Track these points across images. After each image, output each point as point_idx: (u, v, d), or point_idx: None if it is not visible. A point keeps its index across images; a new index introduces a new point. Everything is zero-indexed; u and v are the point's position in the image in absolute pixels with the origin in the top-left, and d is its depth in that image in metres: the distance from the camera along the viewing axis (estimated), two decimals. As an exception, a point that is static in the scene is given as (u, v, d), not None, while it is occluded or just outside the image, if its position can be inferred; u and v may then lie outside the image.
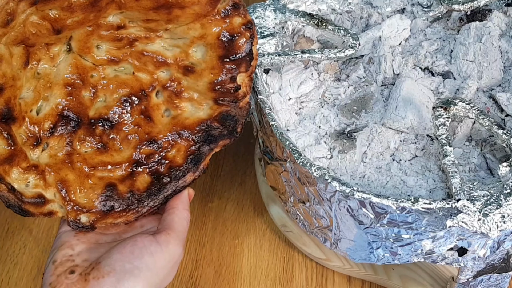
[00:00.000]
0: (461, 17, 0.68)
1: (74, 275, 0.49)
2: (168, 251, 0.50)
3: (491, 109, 0.62)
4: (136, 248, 0.49)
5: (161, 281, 0.50)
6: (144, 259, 0.49)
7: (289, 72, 0.65)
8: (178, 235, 0.52)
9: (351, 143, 0.60)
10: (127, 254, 0.49)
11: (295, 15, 0.64)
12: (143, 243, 0.50)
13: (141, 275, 0.48)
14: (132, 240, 0.50)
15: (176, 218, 0.53)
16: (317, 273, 0.70)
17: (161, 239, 0.50)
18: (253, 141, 0.81)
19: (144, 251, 0.49)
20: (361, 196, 0.50)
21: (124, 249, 0.49)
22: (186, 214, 0.54)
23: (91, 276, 0.48)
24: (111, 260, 0.49)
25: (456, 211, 0.49)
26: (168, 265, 0.51)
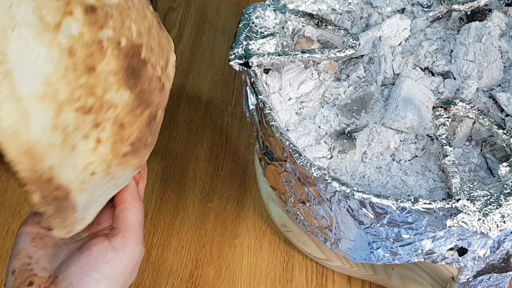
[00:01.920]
0: (461, 17, 0.68)
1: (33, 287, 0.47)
2: (125, 255, 0.49)
3: (491, 109, 0.62)
4: (92, 258, 0.48)
5: (122, 285, 0.49)
6: (100, 269, 0.48)
7: (289, 72, 0.65)
8: (135, 234, 0.50)
9: (351, 143, 0.60)
10: (83, 265, 0.48)
11: (295, 15, 0.64)
12: (98, 251, 0.48)
13: (99, 286, 0.47)
14: (86, 249, 0.49)
15: (129, 214, 0.51)
16: (317, 273, 0.70)
17: (116, 243, 0.49)
18: (253, 141, 0.82)
19: (99, 261, 0.48)
20: (361, 196, 0.50)
21: (78, 260, 0.48)
22: (138, 206, 0.52)
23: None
24: (67, 273, 0.47)
25: (456, 211, 0.49)
26: (128, 268, 0.49)
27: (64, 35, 0.40)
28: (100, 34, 0.42)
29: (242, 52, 0.61)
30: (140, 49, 0.44)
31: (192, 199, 0.77)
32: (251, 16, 0.64)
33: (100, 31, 0.42)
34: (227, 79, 0.91)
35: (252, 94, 0.60)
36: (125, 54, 0.43)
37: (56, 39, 0.40)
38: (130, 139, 0.46)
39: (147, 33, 0.45)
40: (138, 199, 0.53)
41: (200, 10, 1.01)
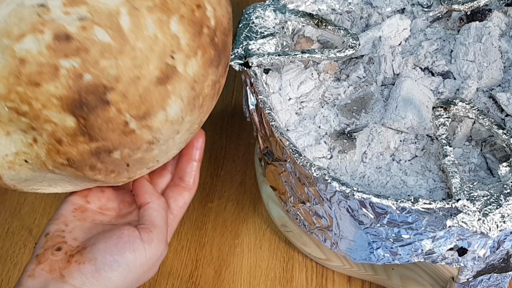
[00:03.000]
0: (461, 17, 0.68)
1: (60, 253, 0.50)
2: (150, 249, 0.52)
3: (491, 109, 0.62)
4: (121, 241, 0.51)
5: (139, 276, 0.52)
6: (125, 255, 0.50)
7: (289, 72, 0.65)
8: (161, 231, 0.53)
9: (351, 143, 0.60)
10: (111, 246, 0.50)
11: (295, 15, 0.64)
12: (128, 237, 0.51)
13: (119, 269, 0.50)
14: (119, 232, 0.52)
15: (154, 212, 0.54)
16: (317, 273, 0.70)
17: (144, 236, 0.52)
18: (253, 141, 0.81)
19: (127, 247, 0.51)
20: (361, 196, 0.50)
21: (109, 240, 0.51)
22: (162, 203, 0.55)
23: (74, 258, 0.50)
24: (95, 248, 0.50)
25: (456, 211, 0.49)
26: (149, 262, 0.52)
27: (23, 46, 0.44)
28: (61, 61, 0.45)
29: (242, 52, 0.61)
30: (108, 91, 0.46)
31: (192, 199, 0.77)
32: (251, 16, 0.64)
33: (63, 58, 0.45)
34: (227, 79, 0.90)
35: (252, 94, 0.60)
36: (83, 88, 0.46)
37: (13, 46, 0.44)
38: (66, 155, 0.48)
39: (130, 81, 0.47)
40: (159, 197, 0.56)
41: (200, 10, 1.01)
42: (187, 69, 0.50)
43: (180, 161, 0.60)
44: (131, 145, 0.49)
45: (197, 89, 0.51)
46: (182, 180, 0.59)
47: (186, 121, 0.52)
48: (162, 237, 0.53)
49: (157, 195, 0.56)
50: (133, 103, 0.47)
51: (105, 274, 0.49)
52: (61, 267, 0.50)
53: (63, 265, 0.50)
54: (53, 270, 0.50)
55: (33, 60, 0.44)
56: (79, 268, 0.49)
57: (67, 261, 0.50)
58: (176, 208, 0.58)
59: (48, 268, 0.50)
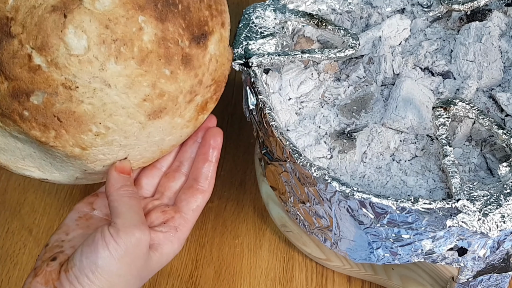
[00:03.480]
0: (461, 17, 0.68)
1: (54, 263, 0.49)
2: (120, 240, 0.48)
3: (491, 109, 0.62)
4: (93, 241, 0.48)
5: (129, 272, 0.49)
6: (99, 253, 0.48)
7: (289, 72, 0.65)
8: (125, 218, 0.49)
9: (351, 143, 0.60)
10: (86, 248, 0.48)
11: (295, 15, 0.64)
12: (101, 235, 0.48)
13: (98, 271, 0.47)
14: (93, 233, 0.49)
15: (114, 203, 0.51)
16: (317, 273, 0.70)
17: (111, 230, 0.49)
18: (253, 141, 0.81)
19: (99, 245, 0.48)
20: (361, 196, 0.50)
21: (86, 242, 0.49)
22: (121, 192, 0.52)
23: (63, 268, 0.48)
24: (76, 253, 0.49)
25: (456, 211, 0.49)
26: (128, 252, 0.48)
27: None
28: None
29: (242, 52, 0.61)
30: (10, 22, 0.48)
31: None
32: (251, 16, 0.64)
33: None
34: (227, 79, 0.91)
35: (252, 94, 0.60)
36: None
37: None
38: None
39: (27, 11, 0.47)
40: (120, 187, 0.52)
41: (200, 10, 1.01)
42: (95, 4, 0.48)
43: (196, 160, 0.57)
44: (46, 87, 0.48)
45: (116, 30, 0.49)
46: (196, 182, 0.56)
47: (113, 70, 0.49)
48: (129, 224, 0.49)
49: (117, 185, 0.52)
50: (30, 32, 0.47)
51: (87, 278, 0.47)
52: (54, 279, 0.48)
53: (55, 276, 0.48)
54: (47, 282, 0.48)
55: None
56: (67, 276, 0.48)
57: (58, 272, 0.49)
58: (188, 212, 0.55)
59: (44, 280, 0.48)
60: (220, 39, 0.56)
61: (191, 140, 0.59)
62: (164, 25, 0.51)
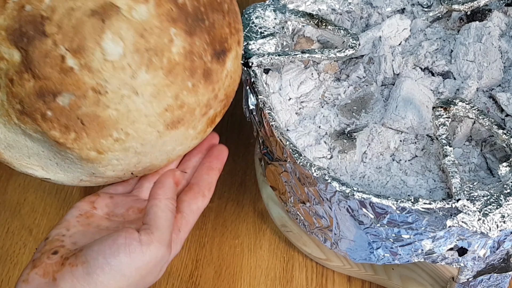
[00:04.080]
0: (461, 17, 0.68)
1: (56, 256, 0.49)
2: (148, 252, 0.48)
3: (491, 109, 0.62)
4: (116, 243, 0.48)
5: (136, 281, 0.49)
6: (119, 257, 0.47)
7: (289, 72, 0.65)
8: (162, 233, 0.50)
9: (351, 143, 0.60)
10: (105, 248, 0.48)
11: (295, 15, 0.64)
12: (125, 239, 0.48)
13: (111, 273, 0.47)
14: (116, 234, 0.49)
15: (159, 211, 0.51)
16: (317, 273, 0.70)
17: (143, 238, 0.49)
18: (253, 141, 0.81)
19: (121, 249, 0.48)
20: (361, 196, 0.50)
21: (104, 242, 0.48)
22: (169, 205, 0.52)
23: (68, 261, 0.48)
24: (90, 250, 0.48)
25: (456, 211, 0.49)
26: (147, 266, 0.49)
27: None
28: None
29: (242, 52, 0.61)
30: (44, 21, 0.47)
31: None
32: (251, 16, 0.64)
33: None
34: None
35: (252, 94, 0.60)
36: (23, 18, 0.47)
37: None
38: (19, 97, 0.48)
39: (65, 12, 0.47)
40: (170, 198, 0.53)
41: (200, 10, 1.01)
42: (132, 12, 0.49)
43: (200, 168, 0.59)
44: (75, 89, 0.48)
45: (150, 40, 0.49)
46: (198, 186, 0.57)
47: (143, 78, 0.50)
48: (163, 240, 0.50)
49: (169, 195, 0.53)
50: (67, 34, 0.47)
51: (96, 277, 0.47)
52: (55, 270, 0.48)
53: (57, 268, 0.48)
54: (46, 274, 0.48)
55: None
56: (72, 270, 0.47)
57: (61, 264, 0.48)
58: (189, 213, 0.55)
59: (42, 272, 0.48)
60: (236, 56, 0.57)
61: (195, 150, 0.60)
62: (192, 39, 0.52)
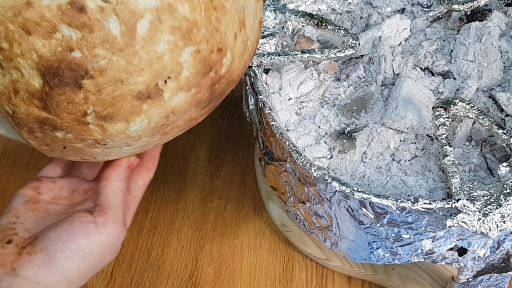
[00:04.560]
0: (461, 17, 0.68)
1: (11, 245, 0.49)
2: (105, 232, 0.50)
3: (491, 109, 0.62)
4: (72, 228, 0.49)
5: (97, 261, 0.50)
6: (78, 240, 0.49)
7: (289, 72, 0.65)
8: (117, 212, 0.51)
9: (351, 143, 0.60)
10: (62, 233, 0.49)
11: (295, 15, 0.64)
12: (80, 223, 0.49)
13: (73, 256, 0.48)
14: (70, 219, 0.50)
15: (110, 191, 0.52)
16: (317, 273, 0.70)
17: (98, 219, 0.50)
18: (253, 141, 0.81)
19: (79, 232, 0.49)
20: (361, 196, 0.50)
21: (59, 227, 0.49)
22: (120, 185, 0.53)
23: (25, 250, 0.48)
24: (46, 237, 0.49)
25: (456, 211, 0.49)
26: (106, 245, 0.50)
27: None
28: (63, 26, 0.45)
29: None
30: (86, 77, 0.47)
31: (192, 199, 0.77)
32: (251, 16, 0.64)
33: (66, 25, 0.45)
34: (227, 79, 0.90)
35: (252, 94, 0.60)
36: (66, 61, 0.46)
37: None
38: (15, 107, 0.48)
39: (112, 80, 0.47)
40: (122, 180, 0.54)
41: (200, 10, 1.01)
42: (172, 99, 0.49)
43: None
44: (78, 134, 0.48)
45: (171, 119, 0.50)
46: (142, 161, 0.57)
47: (142, 140, 0.51)
48: (118, 219, 0.51)
49: (121, 177, 0.54)
50: (102, 100, 0.47)
51: (59, 262, 0.48)
52: (12, 260, 0.48)
53: (14, 258, 0.48)
54: (3, 264, 0.48)
55: (38, 9, 0.44)
56: (30, 259, 0.48)
57: (18, 254, 0.48)
58: (135, 188, 0.56)
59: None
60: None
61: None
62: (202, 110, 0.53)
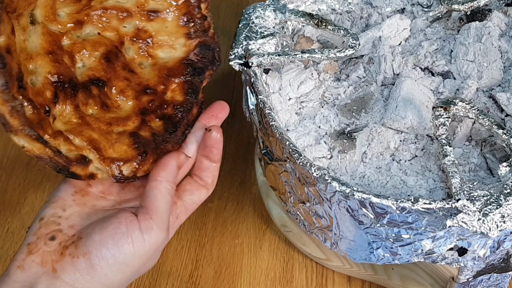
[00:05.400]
0: (461, 17, 0.68)
1: (54, 243, 0.47)
2: (149, 239, 0.47)
3: (491, 109, 0.62)
4: (118, 232, 0.47)
5: (138, 269, 0.48)
6: (123, 248, 0.46)
7: (289, 72, 0.65)
8: (162, 217, 0.49)
9: (351, 143, 0.60)
10: (107, 238, 0.47)
11: (295, 15, 0.64)
12: (126, 227, 0.47)
13: (116, 265, 0.46)
14: (116, 221, 0.47)
15: (159, 194, 0.49)
16: (317, 273, 0.70)
17: (144, 225, 0.47)
18: (253, 141, 0.81)
19: (124, 240, 0.47)
20: (361, 196, 0.50)
21: (105, 231, 0.47)
22: (169, 187, 0.50)
23: (68, 251, 0.46)
24: (90, 240, 0.47)
25: (456, 211, 0.49)
26: (149, 253, 0.48)
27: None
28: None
29: (242, 52, 0.61)
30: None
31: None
32: (251, 16, 0.64)
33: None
34: (227, 79, 0.91)
35: (252, 94, 0.60)
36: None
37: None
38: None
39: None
40: (171, 182, 0.51)
41: (200, 10, 1.01)
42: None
43: (199, 160, 0.56)
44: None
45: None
46: (200, 178, 0.55)
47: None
48: (162, 225, 0.48)
49: (171, 178, 0.51)
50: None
51: (101, 270, 0.46)
52: (54, 260, 0.46)
53: (56, 257, 0.46)
54: (45, 263, 0.46)
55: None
56: (73, 262, 0.46)
57: (61, 253, 0.46)
58: (190, 202, 0.54)
59: (40, 260, 0.46)
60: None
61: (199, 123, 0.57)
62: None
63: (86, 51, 0.54)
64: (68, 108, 0.52)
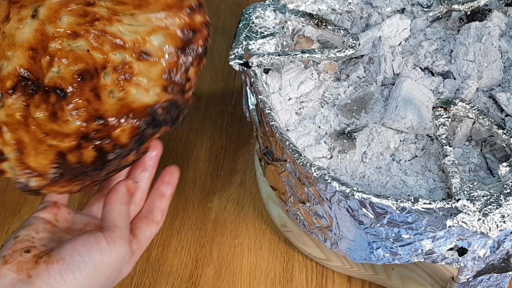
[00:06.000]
0: (461, 17, 0.68)
1: (29, 255, 0.51)
2: (115, 249, 0.52)
3: (491, 109, 0.62)
4: (88, 241, 0.51)
5: (105, 278, 0.52)
6: (92, 255, 0.51)
7: (289, 72, 0.65)
8: (123, 231, 0.54)
9: (351, 143, 0.60)
10: (78, 246, 0.51)
11: (295, 15, 0.64)
12: (95, 238, 0.52)
13: (86, 270, 0.50)
14: (85, 235, 0.52)
15: (115, 214, 0.54)
16: (317, 273, 0.70)
17: (108, 237, 0.52)
18: (253, 141, 0.82)
19: (94, 247, 0.51)
20: (361, 196, 0.50)
21: (76, 242, 0.51)
22: (123, 208, 0.56)
23: (42, 259, 0.50)
24: (63, 249, 0.51)
25: (456, 211, 0.49)
26: (115, 263, 0.52)
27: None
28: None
29: (242, 52, 0.61)
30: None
31: (192, 199, 0.77)
32: (251, 16, 0.64)
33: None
34: (227, 79, 0.91)
35: (252, 94, 0.60)
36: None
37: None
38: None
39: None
40: (124, 203, 0.56)
41: (200, 10, 1.01)
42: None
43: (151, 195, 0.61)
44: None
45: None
46: (151, 213, 0.60)
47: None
48: (125, 237, 0.53)
49: (123, 200, 0.56)
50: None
51: (73, 274, 0.49)
52: (29, 268, 0.49)
53: (31, 265, 0.50)
54: (20, 271, 0.49)
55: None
56: (47, 268, 0.49)
57: (35, 262, 0.50)
58: (143, 239, 0.58)
59: (15, 268, 0.50)
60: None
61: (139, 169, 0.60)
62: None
63: (67, 60, 0.55)
64: (19, 103, 0.53)
